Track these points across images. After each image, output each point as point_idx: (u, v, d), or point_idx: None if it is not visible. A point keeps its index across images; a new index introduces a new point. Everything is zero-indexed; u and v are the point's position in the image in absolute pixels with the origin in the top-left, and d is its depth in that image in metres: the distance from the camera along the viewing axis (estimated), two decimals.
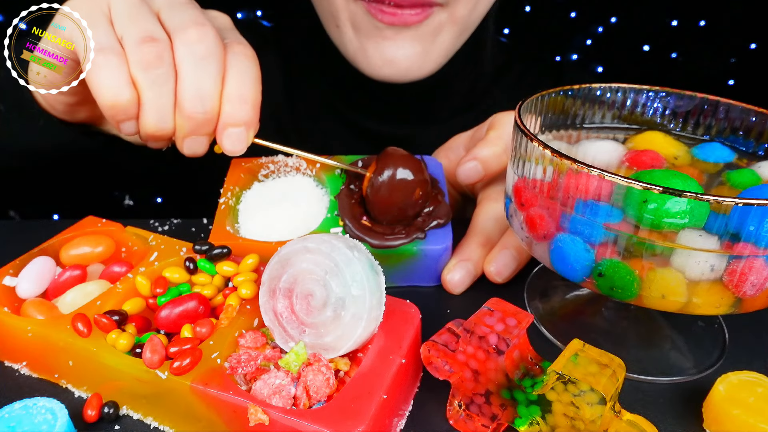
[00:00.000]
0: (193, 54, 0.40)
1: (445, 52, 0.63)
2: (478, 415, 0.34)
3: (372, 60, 0.61)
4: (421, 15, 0.57)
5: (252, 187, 0.51)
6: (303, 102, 0.75)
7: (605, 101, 0.47)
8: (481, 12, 0.63)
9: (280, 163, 0.52)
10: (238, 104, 0.42)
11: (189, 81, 0.40)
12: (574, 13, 1.17)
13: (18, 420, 0.31)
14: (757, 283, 0.33)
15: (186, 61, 0.40)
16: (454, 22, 0.60)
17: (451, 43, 0.63)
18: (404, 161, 0.46)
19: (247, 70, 0.43)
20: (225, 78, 0.41)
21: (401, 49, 0.60)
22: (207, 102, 0.41)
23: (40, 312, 0.38)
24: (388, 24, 0.58)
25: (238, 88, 0.42)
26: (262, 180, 0.52)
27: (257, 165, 0.52)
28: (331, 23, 0.63)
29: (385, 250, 0.45)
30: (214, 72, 0.41)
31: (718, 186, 0.40)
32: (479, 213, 0.50)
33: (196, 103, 0.40)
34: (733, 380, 0.35)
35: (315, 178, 0.52)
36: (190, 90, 0.40)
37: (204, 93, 0.40)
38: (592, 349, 0.32)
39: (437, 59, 0.63)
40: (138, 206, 0.79)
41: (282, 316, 0.35)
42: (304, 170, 0.52)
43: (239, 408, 0.31)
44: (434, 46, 0.61)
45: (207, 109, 0.41)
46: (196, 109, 0.40)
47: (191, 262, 0.41)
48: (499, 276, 0.46)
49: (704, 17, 1.15)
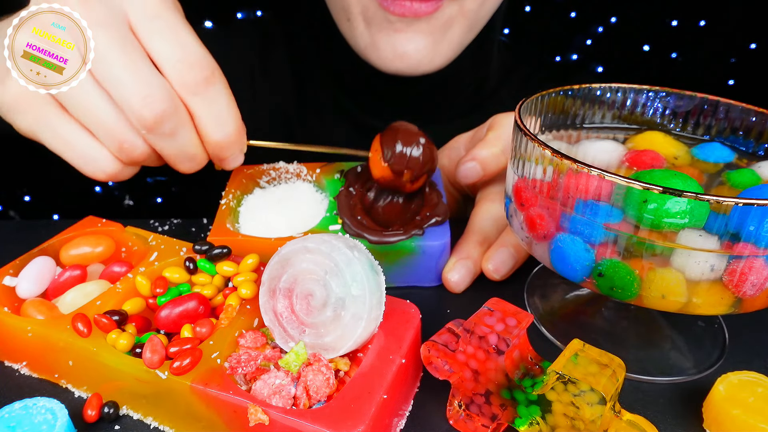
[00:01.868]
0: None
1: (455, 47, 0.63)
2: (478, 415, 0.34)
3: (383, 53, 0.61)
4: (431, 7, 0.57)
5: (253, 192, 0.52)
6: (310, 101, 0.75)
7: (605, 101, 0.47)
8: (490, 7, 0.63)
9: (281, 170, 0.53)
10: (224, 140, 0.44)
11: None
12: (574, 13, 1.17)
13: (18, 420, 0.31)
14: (757, 283, 0.33)
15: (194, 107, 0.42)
16: (464, 15, 0.60)
17: (461, 37, 0.63)
18: (409, 127, 0.48)
19: (217, 98, 0.42)
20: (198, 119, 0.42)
21: (412, 42, 0.60)
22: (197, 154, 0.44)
23: (40, 312, 0.38)
24: (399, 15, 0.58)
25: (216, 124, 0.43)
26: (264, 186, 0.53)
27: (259, 171, 0.53)
28: (342, 17, 0.63)
29: (383, 246, 0.45)
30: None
31: (718, 186, 0.40)
32: (477, 213, 0.51)
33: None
34: (733, 380, 0.35)
35: (315, 183, 0.52)
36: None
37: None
38: (592, 349, 0.32)
39: (447, 53, 0.63)
40: (138, 206, 0.79)
41: (282, 316, 0.35)
42: (304, 176, 0.53)
43: (239, 408, 0.31)
44: (444, 39, 0.61)
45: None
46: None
47: (191, 262, 0.41)
48: (497, 273, 0.47)
49: (704, 17, 1.14)
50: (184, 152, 0.43)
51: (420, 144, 0.46)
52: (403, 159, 0.45)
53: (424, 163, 0.46)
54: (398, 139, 0.46)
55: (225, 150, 0.44)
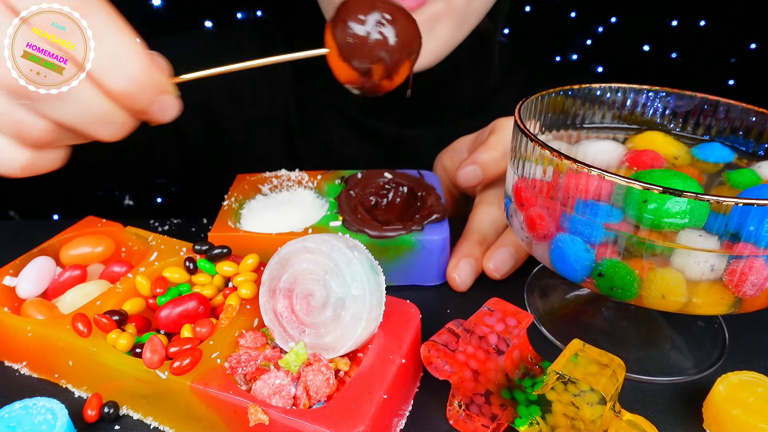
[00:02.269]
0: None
1: (442, 44, 0.61)
2: (478, 415, 0.34)
3: None
4: (414, 2, 0.56)
5: (255, 198, 0.53)
6: (310, 101, 0.75)
7: (605, 101, 0.47)
8: (480, 3, 0.62)
9: (283, 177, 0.54)
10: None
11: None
12: (574, 13, 1.17)
13: (18, 420, 0.31)
14: (757, 283, 0.33)
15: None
16: (451, 11, 0.59)
17: (449, 34, 0.61)
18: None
19: (101, 29, 0.34)
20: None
21: None
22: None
23: (40, 312, 0.38)
24: None
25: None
26: (266, 194, 0.53)
27: (261, 179, 0.54)
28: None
29: (383, 240, 0.45)
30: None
31: (718, 186, 0.40)
32: (475, 215, 0.51)
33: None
34: (733, 380, 0.35)
35: (316, 190, 0.53)
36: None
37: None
38: (592, 349, 0.32)
39: (435, 49, 0.61)
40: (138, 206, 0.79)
41: (282, 316, 0.35)
42: (305, 183, 0.53)
43: (239, 408, 0.31)
44: (431, 35, 0.60)
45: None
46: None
47: (191, 262, 0.41)
48: (498, 272, 0.47)
49: (704, 17, 1.15)
50: (91, 115, 0.35)
51: (384, 16, 0.32)
52: (365, 47, 0.32)
53: (400, 44, 0.33)
54: (350, 17, 0.32)
55: (138, 98, 0.35)
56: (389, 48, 0.32)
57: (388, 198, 0.51)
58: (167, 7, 0.92)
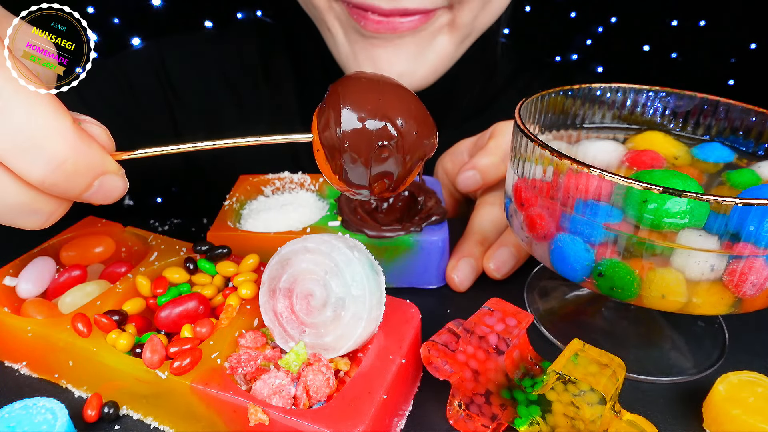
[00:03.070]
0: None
1: (442, 59, 0.59)
2: (478, 415, 0.34)
3: (363, 67, 0.58)
4: (415, 22, 0.53)
5: (257, 199, 0.53)
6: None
7: (605, 101, 0.47)
8: (487, 21, 0.60)
9: (285, 180, 0.54)
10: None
11: None
12: (574, 13, 1.17)
13: (18, 420, 0.31)
14: (757, 283, 0.33)
15: None
16: (456, 27, 0.57)
17: (450, 49, 0.59)
18: (365, 107, 0.29)
19: (10, 106, 0.27)
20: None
21: (394, 56, 0.56)
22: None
23: (40, 312, 0.38)
24: (373, 32, 0.54)
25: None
26: (268, 195, 0.54)
27: (263, 180, 0.54)
28: (323, 27, 0.61)
29: (381, 241, 0.45)
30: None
31: (718, 186, 0.40)
32: (476, 216, 0.51)
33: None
34: (733, 380, 0.35)
35: (317, 192, 0.53)
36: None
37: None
38: (592, 349, 0.32)
39: (433, 63, 0.59)
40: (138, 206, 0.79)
41: (282, 316, 0.35)
42: (307, 186, 0.54)
43: (239, 408, 0.31)
44: (430, 48, 0.58)
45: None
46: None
47: (191, 262, 0.41)
48: (498, 272, 0.47)
49: (704, 17, 1.14)
50: (7, 206, 0.29)
51: (386, 149, 0.29)
52: (363, 177, 0.30)
53: (408, 170, 0.30)
54: (349, 150, 0.28)
55: (66, 185, 0.28)
56: (391, 177, 0.29)
57: (388, 201, 0.51)
58: (167, 7, 0.92)
